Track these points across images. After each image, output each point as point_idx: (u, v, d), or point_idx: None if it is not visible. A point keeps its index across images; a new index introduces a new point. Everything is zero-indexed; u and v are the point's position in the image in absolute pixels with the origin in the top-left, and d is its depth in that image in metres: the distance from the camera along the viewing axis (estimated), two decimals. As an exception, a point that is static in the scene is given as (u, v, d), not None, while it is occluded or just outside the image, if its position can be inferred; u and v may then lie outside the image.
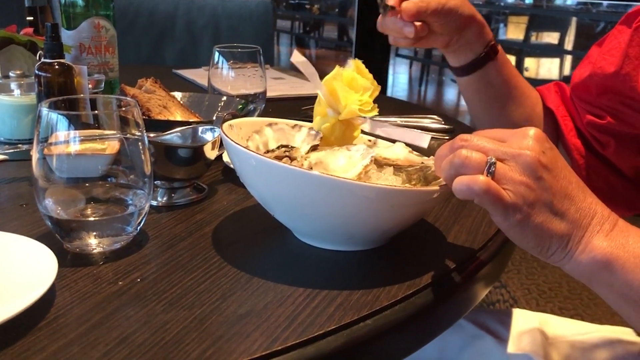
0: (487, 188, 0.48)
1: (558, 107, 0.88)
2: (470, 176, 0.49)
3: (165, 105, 0.89)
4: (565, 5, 4.17)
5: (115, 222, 0.56)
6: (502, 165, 0.49)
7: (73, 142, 0.54)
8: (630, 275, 0.49)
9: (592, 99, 0.83)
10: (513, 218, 0.49)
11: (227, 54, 0.97)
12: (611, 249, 0.50)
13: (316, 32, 7.06)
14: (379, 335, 0.48)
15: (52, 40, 0.80)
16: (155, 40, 1.96)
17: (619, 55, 0.78)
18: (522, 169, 0.49)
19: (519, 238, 0.51)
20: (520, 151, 0.49)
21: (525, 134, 0.50)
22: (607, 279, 0.50)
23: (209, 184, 0.73)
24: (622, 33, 0.79)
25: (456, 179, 0.49)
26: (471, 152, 0.50)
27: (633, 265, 0.49)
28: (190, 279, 0.52)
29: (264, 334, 0.45)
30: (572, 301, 1.73)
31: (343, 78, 0.61)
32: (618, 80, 0.77)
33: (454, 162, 0.50)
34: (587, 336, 0.83)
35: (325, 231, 0.58)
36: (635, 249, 0.50)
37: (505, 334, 0.83)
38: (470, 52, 0.85)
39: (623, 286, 0.49)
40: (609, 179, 0.86)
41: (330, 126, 0.62)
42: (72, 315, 0.46)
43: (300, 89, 1.36)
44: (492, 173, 0.49)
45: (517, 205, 0.49)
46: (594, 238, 0.50)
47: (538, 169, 0.49)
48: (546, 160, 0.49)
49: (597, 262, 0.50)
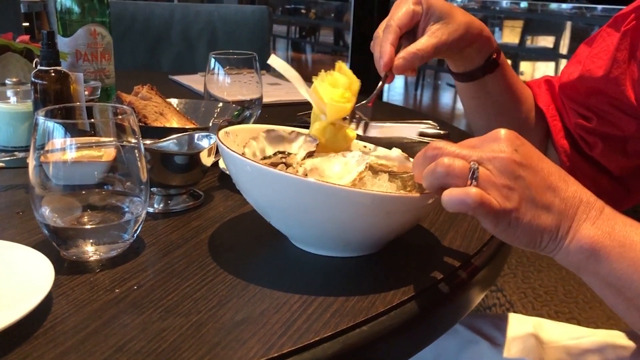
0: (481, 200, 0.48)
1: (548, 107, 0.88)
2: (461, 189, 0.48)
3: (161, 112, 0.90)
4: (560, 10, 4.19)
5: (112, 229, 0.56)
6: (484, 170, 0.49)
7: (69, 150, 0.54)
8: (615, 264, 0.49)
9: (581, 100, 0.83)
10: (503, 223, 0.49)
11: (223, 60, 0.98)
12: (597, 237, 0.50)
13: (312, 37, 7.07)
14: (375, 342, 0.48)
15: (48, 47, 0.80)
16: (152, 46, 1.97)
17: (607, 59, 0.78)
18: (499, 171, 0.49)
19: (511, 239, 0.51)
20: (494, 154, 0.49)
21: (496, 137, 0.51)
22: (594, 268, 0.50)
23: (205, 191, 0.74)
24: (610, 36, 0.79)
25: (446, 192, 0.49)
26: (453, 160, 0.49)
27: (618, 254, 0.49)
28: (187, 286, 0.52)
29: (260, 340, 0.45)
30: (567, 304, 1.73)
31: (327, 80, 0.62)
32: (607, 83, 0.78)
33: (437, 171, 0.49)
34: (580, 340, 0.83)
35: (321, 237, 0.58)
36: (620, 237, 0.50)
37: (500, 339, 0.83)
38: (470, 63, 0.83)
39: (608, 274, 0.50)
40: (596, 179, 0.86)
41: (321, 128, 0.63)
42: (69, 323, 0.46)
43: (296, 94, 1.36)
44: (476, 179, 0.48)
45: (505, 209, 0.49)
46: (581, 227, 0.50)
47: (514, 168, 0.49)
48: (520, 157, 0.49)
49: (584, 250, 0.50)
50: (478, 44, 0.80)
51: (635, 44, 0.75)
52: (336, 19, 6.58)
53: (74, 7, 1.01)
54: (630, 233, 0.50)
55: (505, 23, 4.94)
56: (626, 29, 0.76)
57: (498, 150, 0.49)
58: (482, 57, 0.82)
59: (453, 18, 0.75)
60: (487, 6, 4.73)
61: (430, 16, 0.74)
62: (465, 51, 0.80)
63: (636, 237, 0.50)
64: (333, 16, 6.67)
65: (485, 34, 0.79)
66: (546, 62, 4.94)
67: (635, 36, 0.75)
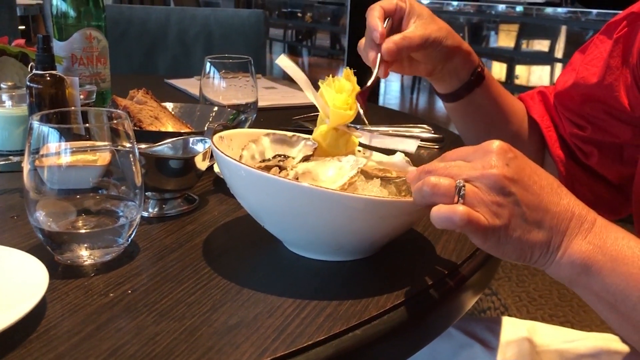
0: (468, 219, 0.48)
1: (542, 118, 0.87)
2: (448, 207, 0.48)
3: (156, 116, 0.90)
4: (555, 14, 4.21)
5: (107, 233, 0.56)
6: (471, 188, 0.49)
7: (64, 154, 0.54)
8: (608, 279, 0.49)
9: (576, 108, 0.83)
10: (492, 239, 0.49)
11: (219, 64, 0.98)
12: (589, 252, 0.50)
13: (309, 41, 7.08)
14: (368, 345, 0.48)
15: (44, 51, 0.81)
16: (148, 50, 1.97)
17: (600, 66, 0.78)
18: (488, 188, 0.49)
19: (501, 254, 0.51)
20: (484, 171, 0.49)
21: (487, 150, 0.50)
22: (586, 283, 0.50)
23: (199, 195, 0.74)
24: (603, 43, 0.79)
25: (434, 209, 0.49)
26: (439, 179, 0.49)
27: (610, 269, 0.49)
28: (181, 290, 0.52)
29: (253, 344, 0.45)
30: (562, 308, 1.74)
31: (334, 85, 0.63)
32: (601, 90, 0.78)
33: (423, 190, 0.50)
34: (574, 344, 0.83)
35: (314, 242, 0.58)
36: (612, 251, 0.50)
37: (494, 343, 0.84)
38: (456, 80, 0.82)
39: (601, 289, 0.50)
40: (593, 188, 0.87)
41: (324, 133, 0.63)
42: (63, 328, 0.46)
43: (292, 98, 1.37)
44: (463, 196, 0.48)
45: (495, 226, 0.49)
46: (573, 241, 0.50)
47: (505, 184, 0.49)
48: (511, 172, 0.49)
49: (576, 266, 0.50)
50: (460, 58, 0.79)
51: (627, 50, 0.76)
52: (332, 23, 6.59)
53: (70, 11, 1.01)
54: (622, 247, 0.50)
55: (500, 27, 4.96)
56: (618, 36, 0.77)
57: (489, 166, 0.49)
58: (467, 73, 0.81)
59: (435, 19, 0.76)
60: (483, 10, 4.74)
61: (413, 14, 0.75)
62: (449, 65, 0.80)
63: (628, 250, 0.50)
64: (329, 20, 6.68)
65: (466, 48, 0.79)
66: (541, 66, 4.96)
67: (628, 43, 0.76)
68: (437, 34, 0.75)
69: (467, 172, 0.50)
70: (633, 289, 0.49)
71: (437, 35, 0.74)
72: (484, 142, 0.51)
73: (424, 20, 0.75)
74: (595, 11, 3.74)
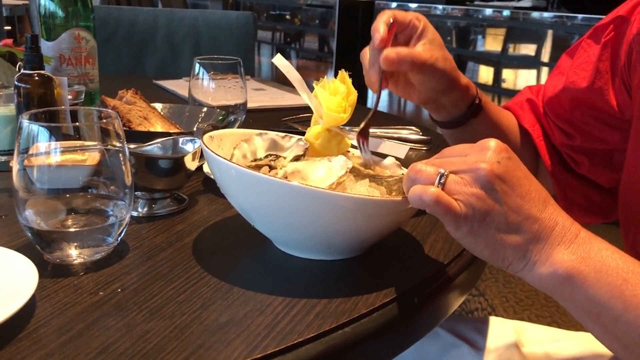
0: (436, 199, 0.49)
1: (533, 127, 0.87)
2: (422, 186, 0.50)
3: (145, 116, 0.90)
4: (541, 18, 4.25)
5: (96, 233, 0.56)
6: (454, 177, 0.50)
7: (54, 154, 0.54)
8: (591, 291, 0.49)
9: (566, 115, 0.83)
10: (464, 228, 0.50)
11: (208, 65, 0.98)
12: (572, 263, 0.49)
13: (297, 43, 7.09)
14: (357, 343, 0.49)
15: (32, 51, 0.80)
16: (136, 51, 1.96)
17: (590, 70, 0.79)
18: (474, 180, 0.49)
19: (471, 247, 0.52)
20: (475, 164, 0.50)
21: (485, 147, 0.51)
22: (569, 294, 0.50)
23: (189, 195, 0.74)
24: (591, 47, 0.80)
25: (410, 188, 0.51)
26: (425, 166, 0.51)
27: (594, 280, 0.49)
28: (171, 289, 0.53)
29: (244, 342, 0.45)
30: (548, 309, 1.75)
31: (328, 87, 0.63)
32: (591, 94, 0.78)
33: (409, 175, 0.52)
34: (560, 344, 0.84)
35: (304, 241, 0.58)
36: (596, 262, 0.49)
37: (481, 343, 0.84)
38: (454, 111, 0.80)
39: (584, 300, 0.50)
40: (586, 193, 0.86)
41: (316, 133, 0.64)
42: (53, 326, 0.46)
43: (281, 100, 1.37)
44: (443, 184, 0.50)
45: (467, 216, 0.49)
46: (555, 251, 0.50)
47: (491, 180, 0.49)
48: (501, 170, 0.50)
49: (558, 276, 0.50)
50: (458, 94, 0.77)
51: (615, 54, 0.76)
52: (321, 26, 6.60)
53: (58, 11, 1.01)
54: (606, 258, 0.50)
55: (488, 31, 5.00)
56: (606, 40, 0.77)
57: (480, 160, 0.50)
58: (465, 105, 0.79)
59: (444, 50, 0.73)
60: (470, 14, 4.78)
61: (425, 37, 0.72)
62: (445, 101, 0.77)
63: (612, 262, 0.49)
64: (318, 23, 6.70)
65: (464, 83, 0.77)
66: (528, 70, 5.00)
67: (615, 46, 0.76)
68: (442, 64, 0.71)
69: (458, 166, 0.51)
70: (617, 300, 0.48)
71: (441, 66, 0.71)
72: (483, 140, 0.52)
73: (434, 46, 0.72)
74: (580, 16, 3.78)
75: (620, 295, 0.48)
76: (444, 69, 0.72)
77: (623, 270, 0.49)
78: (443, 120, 0.82)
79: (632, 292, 0.48)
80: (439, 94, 0.76)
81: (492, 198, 0.49)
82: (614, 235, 0.54)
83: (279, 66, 0.64)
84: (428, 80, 0.73)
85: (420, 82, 0.73)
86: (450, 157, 0.52)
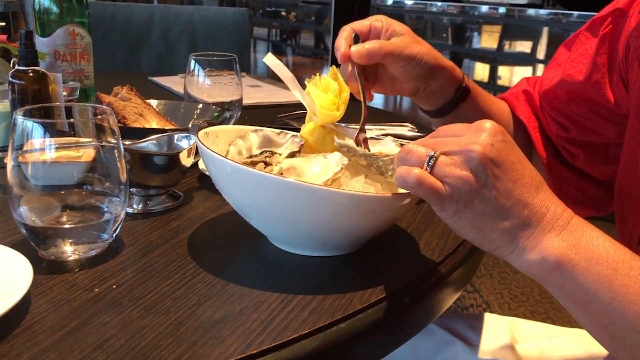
0: (418, 180, 0.49)
1: (529, 119, 0.87)
2: (407, 167, 0.50)
3: (141, 112, 0.90)
4: (537, 15, 4.26)
5: (91, 229, 0.56)
6: (444, 159, 0.50)
7: (48, 150, 0.54)
8: (580, 279, 0.49)
9: (562, 107, 0.83)
10: (449, 209, 0.50)
11: (203, 62, 0.98)
12: (563, 250, 0.49)
13: (293, 40, 7.08)
14: (352, 339, 0.49)
15: (27, 47, 0.80)
16: (131, 47, 1.95)
17: (587, 63, 0.78)
18: (464, 163, 0.49)
19: (457, 229, 0.52)
20: (467, 146, 0.49)
21: (480, 128, 0.50)
22: (557, 281, 0.50)
23: (184, 191, 0.74)
24: (588, 40, 0.79)
25: (397, 170, 0.51)
26: (415, 147, 0.51)
27: (583, 268, 0.49)
28: (166, 285, 0.53)
29: (239, 338, 0.46)
30: (543, 305, 1.76)
31: (320, 84, 0.63)
32: (588, 87, 0.78)
33: (399, 155, 0.52)
34: (554, 340, 0.85)
35: (299, 237, 0.59)
36: (587, 251, 0.49)
37: (475, 340, 0.85)
38: (441, 97, 0.79)
39: (572, 288, 0.49)
40: (580, 185, 0.87)
41: (310, 130, 0.64)
42: (48, 322, 0.46)
43: (276, 96, 1.37)
44: (432, 166, 0.49)
45: (452, 197, 0.49)
46: (545, 237, 0.49)
47: (483, 163, 0.49)
48: (494, 153, 0.49)
49: (547, 262, 0.49)
50: (443, 75, 0.77)
51: (613, 47, 0.76)
52: (317, 22, 6.60)
53: (53, 7, 1.00)
54: (597, 247, 0.49)
55: (484, 28, 5.01)
56: (604, 33, 0.76)
57: (473, 142, 0.49)
58: (452, 89, 0.79)
59: (416, 38, 0.73)
60: (466, 11, 4.78)
61: (392, 33, 0.72)
62: (432, 84, 0.77)
63: (603, 251, 0.49)
64: (313, 19, 6.69)
65: (448, 65, 0.77)
66: (524, 67, 5.01)
67: (613, 40, 0.76)
68: (417, 48, 0.72)
69: (450, 146, 0.50)
70: (605, 289, 0.48)
71: (416, 50, 0.71)
72: (480, 120, 0.51)
73: (404, 37, 0.72)
74: (576, 13, 3.79)
75: (609, 285, 0.48)
76: (419, 52, 0.72)
77: (614, 260, 0.49)
78: (433, 108, 0.82)
79: (621, 282, 0.48)
80: (425, 79, 0.76)
81: (481, 181, 0.49)
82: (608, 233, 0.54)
83: (270, 65, 0.64)
84: (410, 69, 0.72)
85: (402, 73, 0.73)
86: (444, 137, 0.52)
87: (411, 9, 5.14)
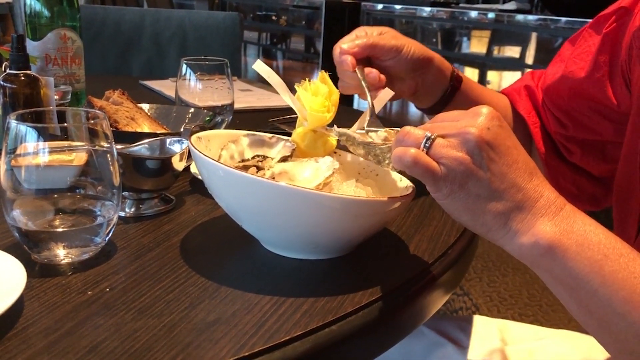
0: (414, 159, 0.50)
1: (529, 114, 0.87)
2: (403, 147, 0.51)
3: (132, 117, 0.90)
4: (525, 21, 4.29)
5: (84, 233, 0.56)
6: (441, 141, 0.50)
7: (41, 154, 0.54)
8: (571, 264, 0.49)
9: (563, 103, 0.83)
10: (444, 190, 0.51)
11: (195, 66, 0.98)
12: (555, 235, 0.49)
13: (283, 44, 7.08)
14: (344, 340, 0.50)
15: (18, 51, 0.80)
16: (122, 51, 1.95)
17: (589, 60, 0.78)
18: (461, 144, 0.50)
19: (450, 210, 0.52)
20: (464, 128, 0.50)
21: (477, 112, 0.51)
22: (548, 265, 0.50)
23: (176, 195, 0.74)
24: (591, 37, 0.79)
25: (394, 151, 0.52)
26: (414, 129, 0.52)
27: (574, 253, 0.49)
28: (159, 288, 0.53)
29: (231, 340, 0.46)
30: (531, 308, 1.77)
31: (310, 88, 0.64)
32: (589, 84, 0.78)
33: (397, 138, 0.53)
34: (544, 342, 0.86)
35: (291, 241, 0.59)
36: (578, 236, 0.50)
37: (465, 341, 0.86)
38: (438, 88, 0.82)
39: (563, 273, 0.50)
40: (576, 181, 0.87)
41: (302, 134, 0.64)
42: (41, 325, 0.46)
43: (267, 100, 1.38)
44: (428, 147, 0.50)
45: (447, 178, 0.50)
46: (538, 221, 0.50)
47: (479, 145, 0.49)
48: (490, 137, 0.50)
49: (539, 247, 0.50)
50: (435, 65, 0.79)
51: (616, 46, 0.76)
52: (307, 27, 6.61)
53: (44, 11, 1.00)
54: (589, 233, 0.50)
55: (473, 33, 5.04)
56: (607, 31, 0.77)
57: (470, 125, 0.50)
58: (446, 78, 0.81)
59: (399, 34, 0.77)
60: (456, 16, 4.81)
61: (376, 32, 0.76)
62: (428, 76, 0.79)
63: (595, 237, 0.50)
64: (304, 23, 6.70)
65: (437, 55, 0.79)
66: (512, 72, 5.05)
67: (616, 38, 0.76)
68: (403, 40, 0.75)
69: (447, 130, 0.51)
70: (595, 274, 0.49)
71: (403, 42, 0.75)
72: (477, 106, 0.52)
73: (388, 32, 0.76)
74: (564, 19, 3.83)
75: (599, 270, 0.49)
76: (404, 42, 0.75)
77: (605, 246, 0.49)
78: (432, 102, 0.83)
79: (611, 267, 0.49)
80: (420, 71, 0.78)
81: (476, 163, 0.50)
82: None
83: (260, 72, 0.65)
84: (402, 60, 0.75)
85: (395, 66, 0.76)
86: (442, 122, 0.53)
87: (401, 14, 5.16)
